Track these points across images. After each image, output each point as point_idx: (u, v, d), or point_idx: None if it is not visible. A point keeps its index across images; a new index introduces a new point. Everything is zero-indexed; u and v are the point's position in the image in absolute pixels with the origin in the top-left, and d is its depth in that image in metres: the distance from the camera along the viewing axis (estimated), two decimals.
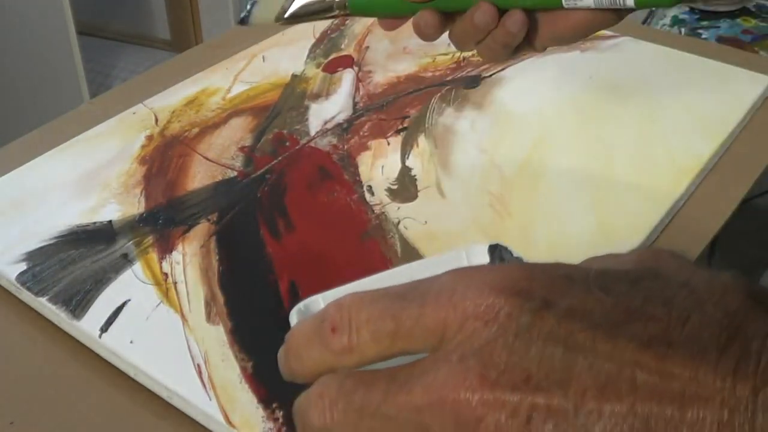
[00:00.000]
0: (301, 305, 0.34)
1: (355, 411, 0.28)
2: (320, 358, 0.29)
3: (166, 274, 0.55)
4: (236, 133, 0.69)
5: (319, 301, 0.33)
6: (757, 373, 0.25)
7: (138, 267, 0.55)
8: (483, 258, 0.34)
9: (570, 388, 0.25)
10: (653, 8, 0.55)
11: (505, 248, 0.35)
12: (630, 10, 0.49)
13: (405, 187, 0.62)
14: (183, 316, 0.52)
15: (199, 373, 0.48)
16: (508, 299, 0.27)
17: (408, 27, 0.54)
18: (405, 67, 0.77)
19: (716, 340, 0.26)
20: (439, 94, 0.72)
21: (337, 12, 0.54)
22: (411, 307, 0.28)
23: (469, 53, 0.77)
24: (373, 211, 0.60)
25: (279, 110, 0.72)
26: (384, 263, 0.55)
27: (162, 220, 0.59)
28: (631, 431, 0.25)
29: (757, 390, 0.24)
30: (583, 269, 0.29)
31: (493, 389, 0.26)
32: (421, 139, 0.67)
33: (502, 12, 0.51)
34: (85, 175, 0.64)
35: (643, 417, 0.25)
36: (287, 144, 0.67)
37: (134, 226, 0.59)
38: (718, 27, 1.34)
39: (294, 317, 0.33)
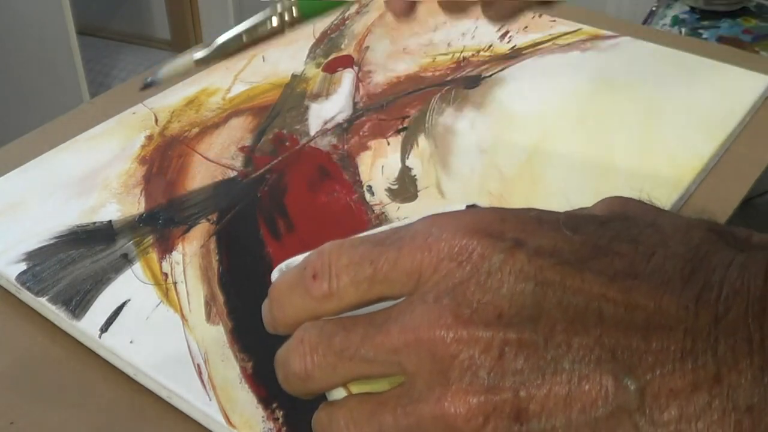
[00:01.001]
0: (282, 265, 0.35)
1: (334, 354, 0.29)
2: (302, 305, 0.30)
3: (166, 274, 0.55)
4: (236, 133, 0.69)
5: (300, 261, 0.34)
6: (719, 302, 0.25)
7: (138, 267, 0.55)
8: None
9: (540, 322, 0.26)
10: None
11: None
12: None
13: (405, 187, 0.62)
14: (183, 316, 0.52)
15: (199, 373, 0.48)
16: (480, 240, 0.28)
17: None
18: (405, 67, 0.77)
19: (680, 272, 0.26)
20: (439, 94, 0.72)
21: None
22: (388, 252, 0.29)
23: (469, 53, 0.77)
24: (373, 211, 0.60)
25: (279, 110, 0.72)
26: None
27: (162, 220, 0.59)
28: (598, 362, 0.25)
29: (719, 318, 0.25)
30: (553, 212, 0.30)
31: (467, 326, 0.26)
32: (421, 139, 0.67)
33: None
34: (85, 175, 0.64)
35: (610, 348, 0.25)
36: (287, 144, 0.67)
37: (134, 226, 0.59)
38: (719, 27, 1.34)
39: (275, 276, 0.34)
